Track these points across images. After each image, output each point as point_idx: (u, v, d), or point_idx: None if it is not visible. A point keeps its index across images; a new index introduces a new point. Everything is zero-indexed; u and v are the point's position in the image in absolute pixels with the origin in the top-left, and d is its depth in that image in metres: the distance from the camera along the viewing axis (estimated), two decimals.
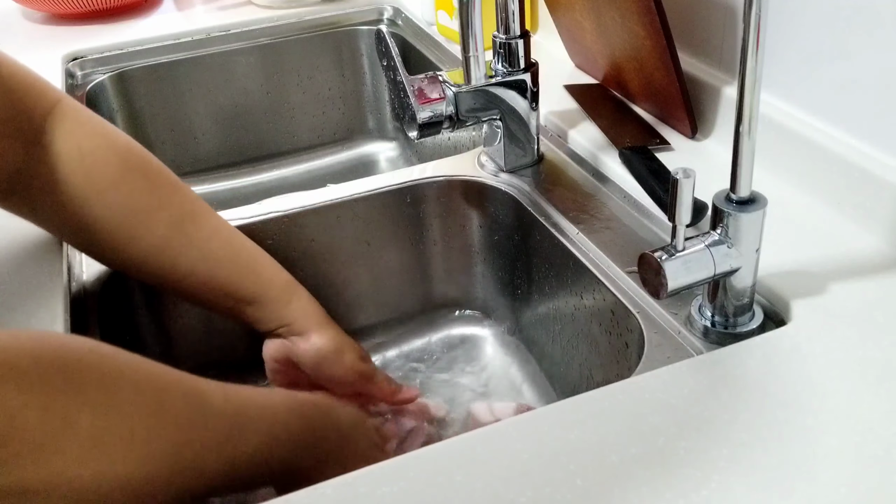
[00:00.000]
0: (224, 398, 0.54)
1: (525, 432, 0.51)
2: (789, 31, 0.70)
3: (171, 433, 0.48)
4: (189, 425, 0.50)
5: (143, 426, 0.46)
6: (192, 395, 0.52)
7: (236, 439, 0.53)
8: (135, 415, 0.46)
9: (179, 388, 0.51)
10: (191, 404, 0.51)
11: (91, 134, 0.66)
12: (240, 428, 0.54)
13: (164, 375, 0.51)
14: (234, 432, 0.53)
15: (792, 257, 0.63)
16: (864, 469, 0.47)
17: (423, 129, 0.75)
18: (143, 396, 0.47)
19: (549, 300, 0.80)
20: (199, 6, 1.29)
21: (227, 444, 0.53)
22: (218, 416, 0.53)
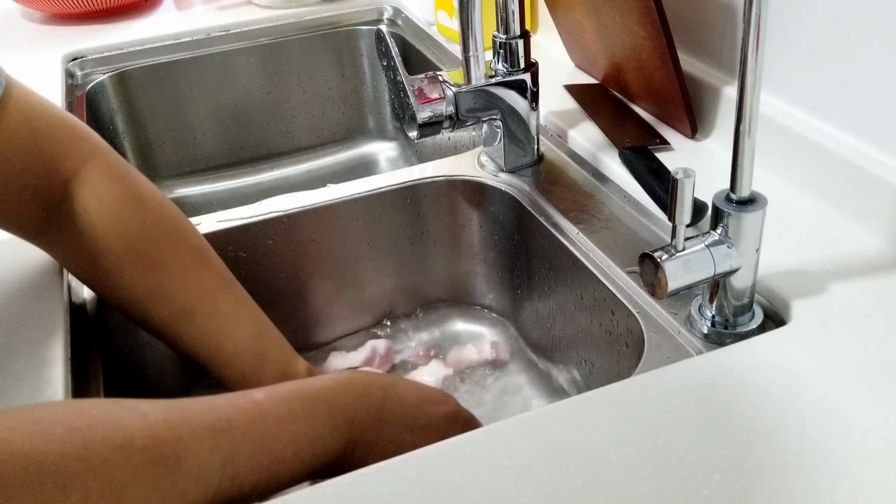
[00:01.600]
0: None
1: (525, 432, 0.51)
2: (789, 31, 0.70)
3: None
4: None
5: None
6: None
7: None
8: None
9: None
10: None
11: (122, 199, 0.62)
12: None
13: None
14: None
15: (792, 257, 0.63)
16: (865, 469, 0.47)
17: (423, 129, 0.75)
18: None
19: (549, 300, 0.80)
20: (198, 6, 1.29)
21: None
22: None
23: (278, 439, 0.47)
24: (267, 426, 0.47)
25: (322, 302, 0.85)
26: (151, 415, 0.44)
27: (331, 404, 0.50)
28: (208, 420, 0.45)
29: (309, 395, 0.50)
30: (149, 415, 0.44)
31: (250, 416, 0.47)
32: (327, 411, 0.50)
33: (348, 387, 0.52)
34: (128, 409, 0.44)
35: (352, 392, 0.52)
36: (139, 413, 0.44)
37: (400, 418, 0.55)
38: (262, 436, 0.47)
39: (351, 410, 0.52)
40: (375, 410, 0.53)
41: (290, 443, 0.48)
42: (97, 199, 0.61)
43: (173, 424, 0.44)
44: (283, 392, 0.50)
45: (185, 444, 0.44)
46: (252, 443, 0.46)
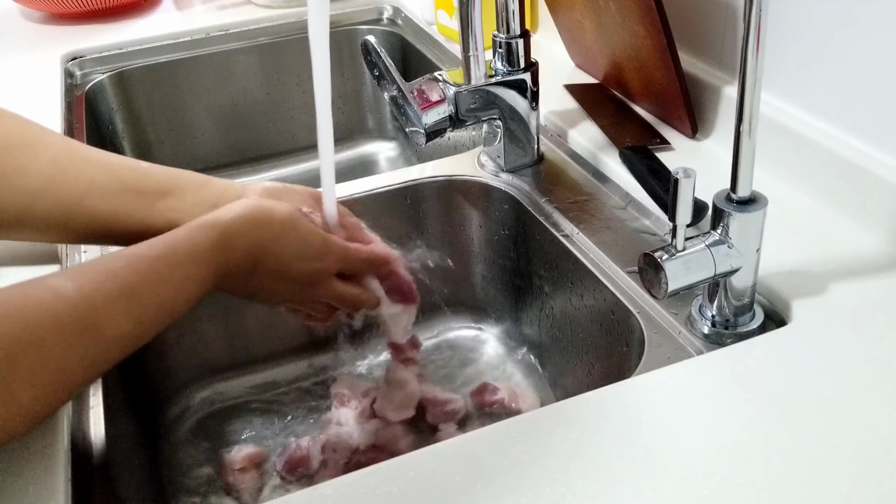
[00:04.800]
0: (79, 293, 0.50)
1: (525, 432, 0.51)
2: (789, 31, 0.70)
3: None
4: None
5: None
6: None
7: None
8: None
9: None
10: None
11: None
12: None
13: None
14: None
15: (792, 257, 0.63)
16: (865, 469, 0.47)
17: (430, 136, 0.75)
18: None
19: (549, 300, 0.80)
20: (198, 6, 1.29)
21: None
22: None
23: (172, 293, 0.54)
24: (165, 285, 0.54)
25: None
26: (65, 290, 0.49)
27: (216, 263, 0.57)
28: (116, 287, 0.51)
29: (201, 252, 0.56)
30: (63, 290, 0.49)
31: (150, 278, 0.53)
32: (211, 266, 0.57)
33: (230, 240, 0.58)
34: (45, 289, 0.49)
35: (233, 246, 0.58)
36: (55, 291, 0.49)
37: (271, 271, 0.61)
38: (161, 295, 0.54)
39: (228, 261, 0.58)
40: (251, 264, 0.60)
41: (179, 294, 0.55)
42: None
43: (88, 297, 0.50)
44: (178, 252, 0.55)
45: (102, 312, 0.50)
46: (153, 299, 0.53)
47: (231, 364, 0.86)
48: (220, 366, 0.86)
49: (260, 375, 0.87)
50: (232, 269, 0.58)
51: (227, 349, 0.86)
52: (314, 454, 0.75)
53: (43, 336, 0.47)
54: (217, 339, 0.85)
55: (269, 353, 0.87)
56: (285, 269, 0.62)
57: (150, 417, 0.81)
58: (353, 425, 0.78)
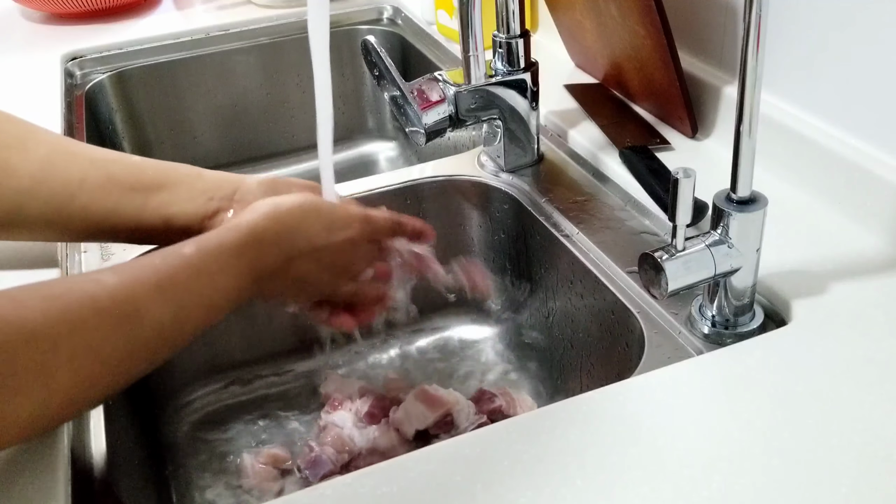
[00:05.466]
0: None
1: (525, 432, 0.51)
2: (789, 31, 0.70)
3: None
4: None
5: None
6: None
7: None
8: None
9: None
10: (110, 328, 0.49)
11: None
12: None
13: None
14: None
15: (792, 257, 0.63)
16: (865, 469, 0.47)
17: (430, 135, 0.75)
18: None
19: (549, 300, 0.80)
20: (198, 6, 1.29)
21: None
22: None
23: (209, 290, 0.54)
24: (201, 280, 0.54)
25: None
26: (107, 280, 0.50)
27: (248, 259, 0.57)
28: (155, 279, 0.51)
29: (229, 249, 0.56)
30: (105, 280, 0.50)
31: (187, 272, 0.54)
32: (243, 264, 0.56)
33: (260, 240, 0.58)
34: (86, 279, 0.51)
35: (263, 245, 0.58)
36: (95, 280, 0.50)
37: (307, 254, 0.61)
38: (199, 289, 0.54)
39: (262, 260, 0.58)
40: (284, 255, 0.59)
41: (217, 292, 0.55)
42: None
43: (128, 286, 0.50)
44: (208, 248, 0.55)
45: (142, 302, 0.50)
46: (191, 295, 0.53)
47: (231, 364, 0.86)
48: (221, 366, 0.86)
49: (259, 375, 0.87)
50: (269, 263, 0.58)
51: (227, 349, 0.86)
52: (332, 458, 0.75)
53: (84, 319, 0.47)
54: (217, 339, 0.85)
55: (269, 353, 0.87)
56: (321, 248, 0.61)
57: (151, 418, 0.81)
58: (352, 428, 0.78)
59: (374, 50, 0.74)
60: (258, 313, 0.85)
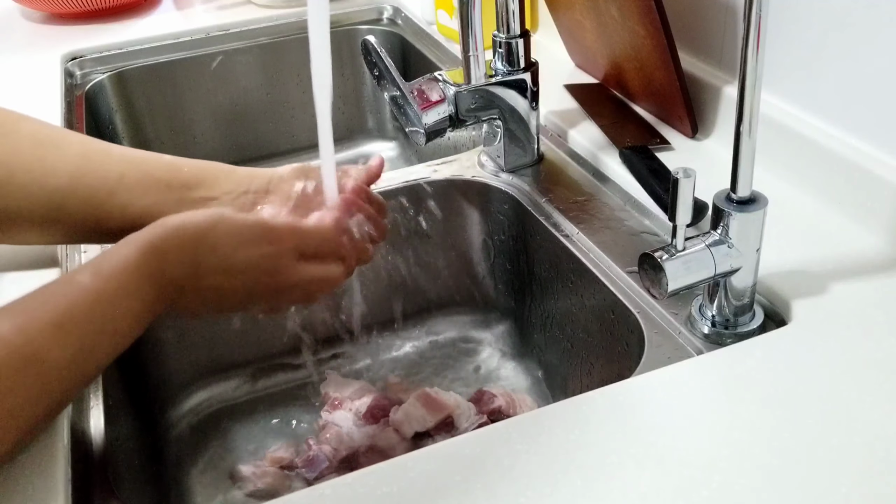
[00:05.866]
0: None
1: (525, 432, 0.51)
2: (790, 31, 0.70)
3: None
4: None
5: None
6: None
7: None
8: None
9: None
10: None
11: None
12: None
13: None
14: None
15: (792, 257, 0.63)
16: (865, 469, 0.47)
17: (430, 136, 0.75)
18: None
19: (549, 300, 0.80)
20: (198, 6, 1.29)
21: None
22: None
23: (112, 317, 0.51)
24: (102, 308, 0.50)
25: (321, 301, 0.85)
26: (3, 329, 0.47)
27: (150, 275, 0.53)
28: (51, 317, 0.48)
29: (126, 267, 0.52)
30: (4, 334, 0.46)
31: (86, 303, 0.50)
32: (143, 281, 0.52)
33: (161, 251, 0.54)
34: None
35: (166, 257, 0.54)
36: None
37: (216, 266, 0.57)
38: (101, 318, 0.50)
39: (165, 274, 0.54)
40: (191, 268, 0.55)
41: (121, 316, 0.51)
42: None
43: (23, 330, 0.47)
44: (105, 270, 0.52)
45: (39, 344, 0.47)
46: (93, 326, 0.50)
47: (231, 364, 0.86)
48: (221, 366, 0.86)
49: (259, 375, 0.87)
50: (175, 276, 0.55)
51: (226, 349, 0.86)
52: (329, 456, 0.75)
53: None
54: (217, 339, 0.85)
55: (269, 353, 0.87)
56: (231, 263, 0.57)
57: (150, 417, 0.81)
58: (351, 427, 0.78)
59: (374, 50, 0.74)
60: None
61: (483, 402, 0.79)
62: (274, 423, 0.82)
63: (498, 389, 0.81)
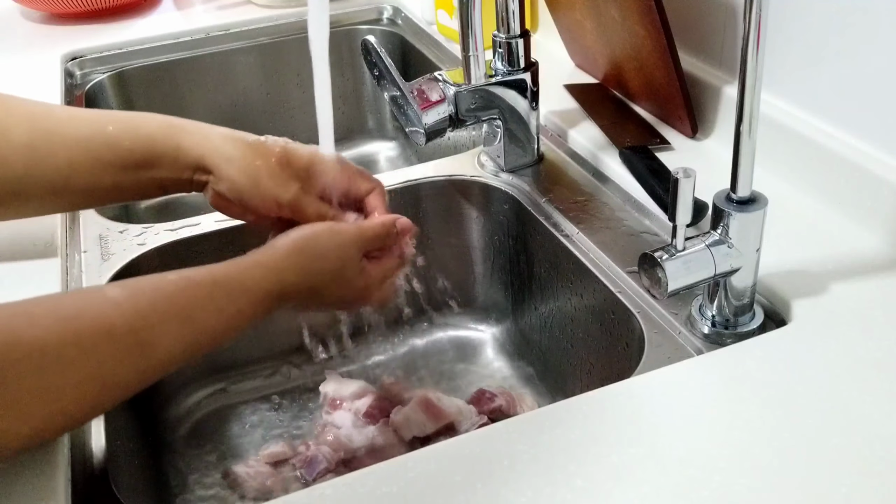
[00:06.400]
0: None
1: (525, 432, 0.51)
2: (790, 31, 0.70)
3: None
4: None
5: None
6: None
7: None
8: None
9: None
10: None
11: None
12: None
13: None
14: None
15: (792, 257, 0.63)
16: (865, 469, 0.47)
17: (430, 136, 0.75)
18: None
19: (549, 300, 0.80)
20: (198, 6, 1.29)
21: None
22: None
23: (223, 325, 0.54)
24: (219, 315, 0.54)
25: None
26: (124, 304, 0.49)
27: (270, 300, 0.57)
28: (172, 310, 0.51)
29: (249, 289, 0.56)
30: (122, 304, 0.49)
31: (206, 308, 0.53)
32: (263, 306, 0.56)
33: (282, 276, 0.58)
34: (101, 298, 0.50)
35: (285, 281, 0.58)
36: (113, 302, 0.49)
37: (328, 282, 0.61)
38: (213, 325, 0.53)
39: (283, 296, 0.58)
40: (307, 286, 0.60)
41: (230, 327, 0.54)
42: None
43: (144, 314, 0.49)
44: (230, 283, 0.55)
45: (157, 332, 0.50)
46: (205, 328, 0.53)
47: (231, 364, 0.86)
48: (220, 366, 0.86)
49: (259, 375, 0.87)
50: (290, 295, 0.59)
51: (226, 350, 0.85)
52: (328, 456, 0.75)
53: (96, 343, 0.47)
54: None
55: (269, 353, 0.87)
56: (341, 273, 0.61)
57: (150, 417, 0.81)
58: (350, 428, 0.78)
59: (374, 50, 0.74)
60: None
61: (483, 401, 0.79)
62: (274, 424, 0.82)
63: (498, 389, 0.81)
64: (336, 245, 0.61)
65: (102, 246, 0.75)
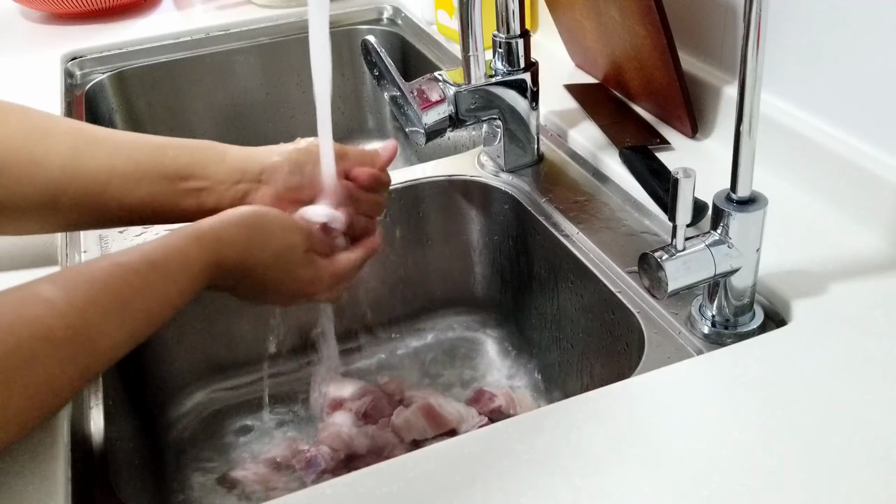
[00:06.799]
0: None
1: (525, 432, 0.51)
2: (790, 31, 0.70)
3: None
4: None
5: None
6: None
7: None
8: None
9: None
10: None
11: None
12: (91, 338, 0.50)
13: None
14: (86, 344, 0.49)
15: (792, 257, 0.63)
16: (865, 469, 0.47)
17: (430, 136, 0.75)
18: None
19: (549, 300, 0.80)
20: (198, 6, 1.29)
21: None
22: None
23: (162, 306, 0.53)
24: (157, 299, 0.53)
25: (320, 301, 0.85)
26: (58, 302, 0.48)
27: (208, 276, 0.56)
28: (108, 299, 0.50)
29: (189, 266, 0.55)
30: (56, 303, 0.48)
31: (143, 292, 0.52)
32: (200, 283, 0.55)
33: (222, 257, 0.57)
34: (36, 300, 0.48)
35: (225, 262, 0.57)
36: (47, 303, 0.48)
37: (264, 259, 0.59)
38: (152, 308, 0.52)
39: (219, 277, 0.57)
40: (243, 254, 0.58)
41: (168, 306, 0.53)
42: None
43: (81, 310, 0.49)
44: (167, 262, 0.54)
45: (95, 327, 0.49)
46: (146, 312, 0.52)
47: (231, 364, 0.86)
48: (220, 366, 0.86)
49: (259, 376, 0.87)
50: (221, 281, 0.58)
51: (226, 349, 0.86)
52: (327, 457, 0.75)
53: (37, 351, 0.46)
54: (217, 339, 0.85)
55: (269, 353, 0.87)
56: (276, 256, 0.60)
57: (151, 418, 0.81)
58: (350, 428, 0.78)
59: (374, 50, 0.74)
60: (258, 313, 0.85)
61: (483, 401, 0.79)
62: (274, 424, 0.82)
63: (497, 389, 0.81)
64: (282, 227, 0.60)
65: (102, 246, 0.75)
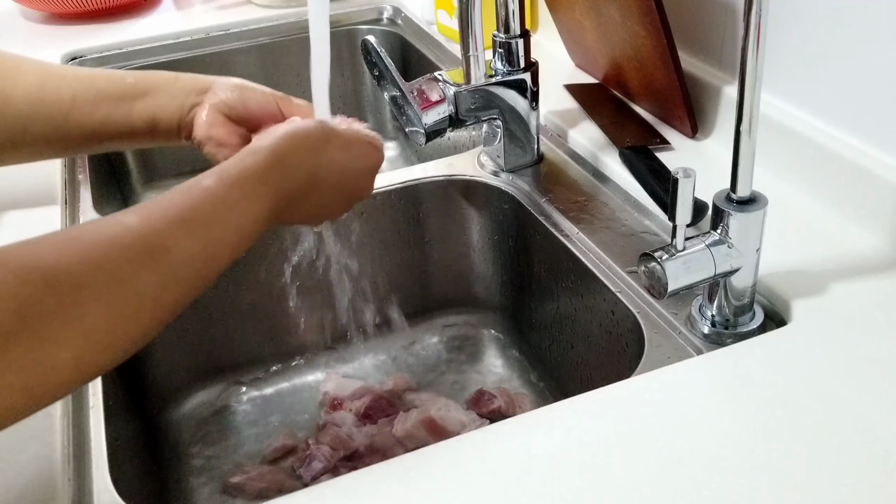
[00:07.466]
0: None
1: (526, 432, 0.51)
2: (790, 31, 0.70)
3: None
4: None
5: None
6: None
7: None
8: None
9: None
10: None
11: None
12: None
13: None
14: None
15: (792, 257, 0.63)
16: (865, 469, 0.47)
17: (430, 136, 0.75)
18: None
19: (549, 300, 0.80)
20: (198, 6, 1.29)
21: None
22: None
23: (235, 218, 0.53)
24: (226, 209, 0.53)
25: (320, 302, 0.85)
26: (128, 220, 0.49)
27: (268, 179, 0.56)
28: (178, 213, 0.51)
29: (252, 174, 0.55)
30: (126, 221, 0.49)
31: (211, 203, 0.53)
32: (267, 188, 0.56)
33: (283, 162, 0.57)
34: (105, 221, 0.50)
35: (286, 168, 0.58)
36: (117, 221, 0.49)
37: (327, 185, 0.61)
38: (224, 218, 0.53)
39: (286, 184, 0.57)
40: (308, 178, 0.59)
41: (243, 218, 0.54)
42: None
43: (150, 223, 0.49)
44: (229, 176, 0.55)
45: (167, 236, 0.49)
46: (217, 224, 0.52)
47: (231, 364, 0.86)
48: (220, 366, 0.86)
49: (259, 376, 0.87)
50: (292, 187, 0.58)
51: (226, 350, 0.86)
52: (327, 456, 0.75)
53: (107, 256, 0.46)
54: (217, 339, 0.85)
55: (269, 353, 0.87)
56: (343, 173, 0.62)
57: (151, 418, 0.81)
58: (350, 428, 0.78)
59: (374, 50, 0.74)
60: (258, 313, 0.85)
61: (482, 402, 0.79)
62: (273, 423, 0.82)
63: (497, 389, 0.81)
64: (324, 136, 0.61)
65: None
